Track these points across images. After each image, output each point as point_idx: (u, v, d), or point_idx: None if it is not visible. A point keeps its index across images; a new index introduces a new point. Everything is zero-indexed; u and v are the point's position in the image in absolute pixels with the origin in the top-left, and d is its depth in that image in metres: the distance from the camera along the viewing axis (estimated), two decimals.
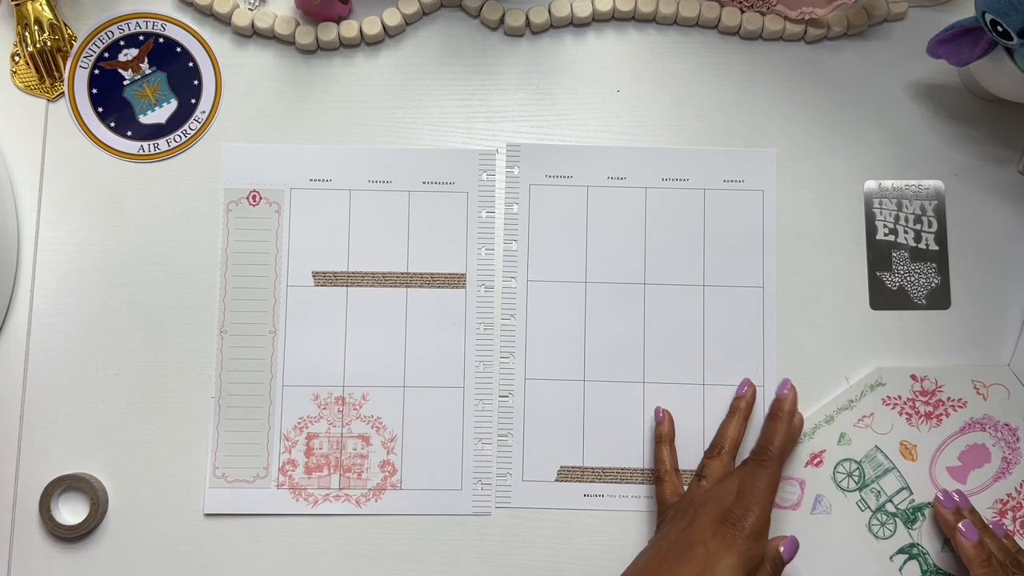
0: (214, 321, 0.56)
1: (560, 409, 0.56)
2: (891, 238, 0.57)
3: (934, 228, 0.57)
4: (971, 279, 0.57)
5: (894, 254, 0.57)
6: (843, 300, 0.57)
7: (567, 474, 0.55)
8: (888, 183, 0.58)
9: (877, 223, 0.58)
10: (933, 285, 0.57)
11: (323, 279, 0.57)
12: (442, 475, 0.55)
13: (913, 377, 0.55)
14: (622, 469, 0.55)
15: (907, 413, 0.55)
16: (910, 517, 0.54)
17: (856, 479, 0.54)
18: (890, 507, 0.54)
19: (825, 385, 0.56)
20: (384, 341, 0.56)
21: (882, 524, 0.54)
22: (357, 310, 0.56)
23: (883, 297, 0.57)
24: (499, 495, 0.55)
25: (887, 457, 0.54)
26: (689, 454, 0.55)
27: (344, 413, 0.56)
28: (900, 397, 0.55)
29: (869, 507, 0.54)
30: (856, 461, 0.54)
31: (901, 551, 0.53)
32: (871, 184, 0.58)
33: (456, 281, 0.57)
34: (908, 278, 0.57)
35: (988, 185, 0.58)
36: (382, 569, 0.54)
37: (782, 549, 0.49)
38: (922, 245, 0.57)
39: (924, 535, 0.53)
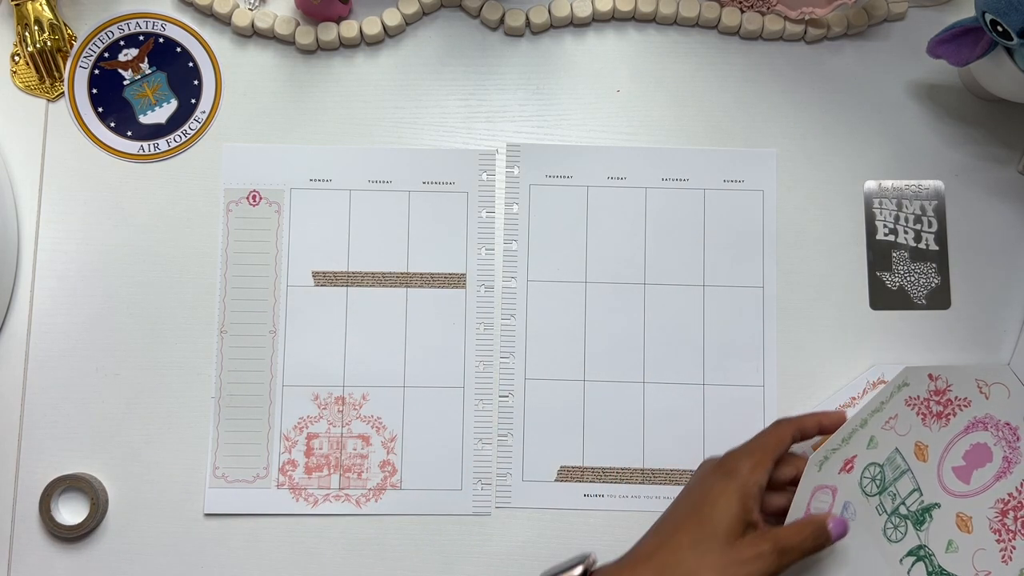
0: (214, 321, 0.56)
1: (560, 409, 0.56)
2: (891, 238, 0.57)
3: (934, 228, 0.57)
4: (971, 279, 0.57)
5: (894, 254, 0.57)
6: (843, 300, 0.57)
7: (567, 474, 0.55)
8: (888, 183, 0.58)
9: (877, 223, 0.57)
10: (933, 285, 0.57)
11: (323, 279, 0.57)
12: (442, 475, 0.55)
13: (930, 376, 0.54)
14: (622, 469, 0.55)
15: (922, 413, 0.54)
16: (919, 518, 0.53)
17: (878, 483, 0.53)
18: (903, 509, 0.53)
19: (825, 385, 0.56)
20: (384, 341, 0.56)
21: (895, 527, 0.53)
22: (357, 310, 0.56)
23: (883, 297, 0.57)
24: (499, 495, 0.55)
25: (904, 459, 0.53)
26: (689, 454, 0.55)
27: (344, 413, 0.56)
28: (919, 397, 0.54)
29: (886, 510, 0.52)
30: (879, 465, 0.53)
31: (910, 553, 0.53)
32: (871, 184, 0.58)
33: (456, 281, 0.57)
34: (908, 278, 0.57)
35: (988, 185, 0.58)
36: (382, 569, 0.54)
37: (831, 525, 0.47)
38: (922, 245, 0.57)
39: (931, 536, 0.53)
